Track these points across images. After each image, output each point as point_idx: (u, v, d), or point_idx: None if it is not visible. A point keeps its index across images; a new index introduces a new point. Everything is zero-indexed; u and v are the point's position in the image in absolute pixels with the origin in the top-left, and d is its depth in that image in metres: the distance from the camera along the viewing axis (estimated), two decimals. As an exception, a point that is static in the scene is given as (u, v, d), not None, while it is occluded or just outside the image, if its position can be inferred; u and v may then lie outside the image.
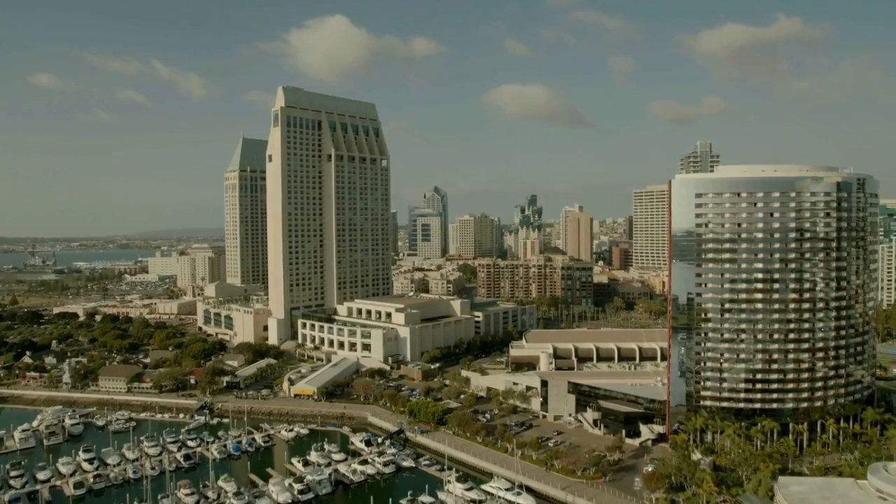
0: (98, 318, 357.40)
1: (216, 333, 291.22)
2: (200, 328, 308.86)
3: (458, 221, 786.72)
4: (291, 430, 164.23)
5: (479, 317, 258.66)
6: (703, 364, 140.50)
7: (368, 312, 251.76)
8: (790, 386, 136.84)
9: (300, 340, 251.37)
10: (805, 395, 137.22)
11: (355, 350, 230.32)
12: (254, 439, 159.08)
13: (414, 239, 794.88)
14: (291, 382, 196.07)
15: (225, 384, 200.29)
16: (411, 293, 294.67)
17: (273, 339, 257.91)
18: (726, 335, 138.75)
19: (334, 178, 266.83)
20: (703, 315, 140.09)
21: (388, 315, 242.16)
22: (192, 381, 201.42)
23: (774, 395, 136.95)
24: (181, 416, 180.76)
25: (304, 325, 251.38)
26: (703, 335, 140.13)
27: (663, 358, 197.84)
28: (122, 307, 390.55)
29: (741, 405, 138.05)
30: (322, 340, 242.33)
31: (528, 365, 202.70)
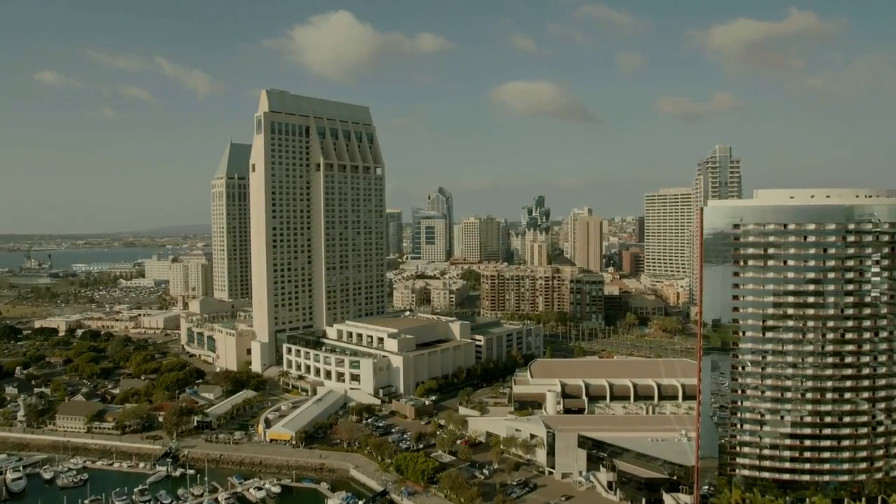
0: (80, 332, 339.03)
1: (199, 355, 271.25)
2: (184, 347, 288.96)
3: (463, 223, 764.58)
4: (261, 489, 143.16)
5: (480, 341, 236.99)
6: (739, 404, 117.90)
7: (359, 336, 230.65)
8: (846, 455, 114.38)
9: (285, 367, 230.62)
10: (863, 465, 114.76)
11: (343, 380, 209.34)
12: (216, 500, 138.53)
13: (418, 241, 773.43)
14: (268, 424, 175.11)
15: (195, 424, 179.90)
16: (408, 312, 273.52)
17: (256, 366, 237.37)
18: (768, 359, 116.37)
19: (323, 189, 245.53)
20: (739, 334, 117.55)
21: (381, 340, 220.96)
22: (161, 419, 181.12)
23: (826, 466, 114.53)
24: (141, 465, 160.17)
25: (289, 351, 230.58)
26: (739, 358, 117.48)
27: (685, 397, 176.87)
28: (108, 320, 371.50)
29: (786, 476, 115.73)
30: (308, 368, 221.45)
31: (534, 403, 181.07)
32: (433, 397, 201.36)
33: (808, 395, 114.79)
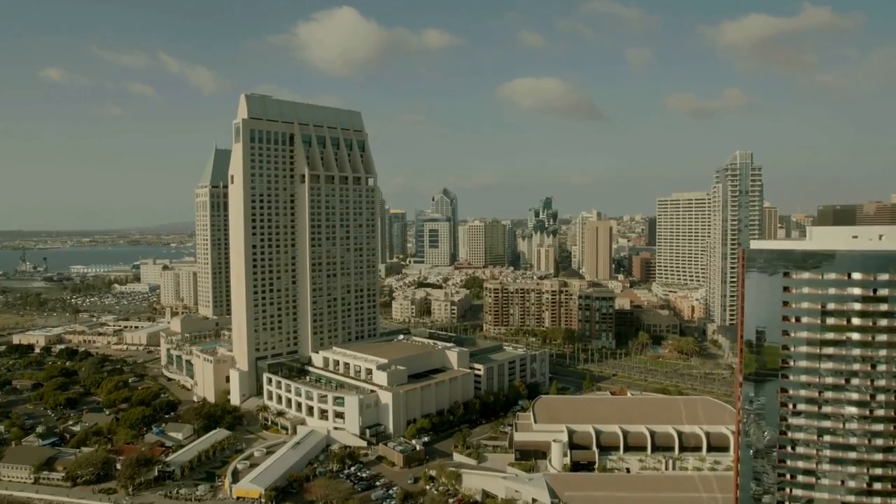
0: (61, 347, 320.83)
1: (178, 380, 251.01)
2: (163, 370, 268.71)
3: (468, 226, 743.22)
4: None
5: (479, 370, 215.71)
6: (788, 469, 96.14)
7: (346, 366, 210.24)
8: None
9: (265, 399, 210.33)
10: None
11: (327, 418, 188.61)
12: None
13: (421, 244, 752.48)
14: (235, 477, 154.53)
15: (156, 473, 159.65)
16: (401, 337, 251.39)
17: (235, 397, 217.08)
18: (825, 403, 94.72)
19: (308, 203, 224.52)
20: (788, 364, 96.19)
21: (369, 372, 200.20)
22: (118, 467, 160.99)
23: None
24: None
25: (269, 381, 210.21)
26: (788, 394, 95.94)
27: (710, 448, 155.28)
28: (90, 334, 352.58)
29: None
30: (289, 402, 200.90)
31: (537, 453, 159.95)
32: (425, 438, 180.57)
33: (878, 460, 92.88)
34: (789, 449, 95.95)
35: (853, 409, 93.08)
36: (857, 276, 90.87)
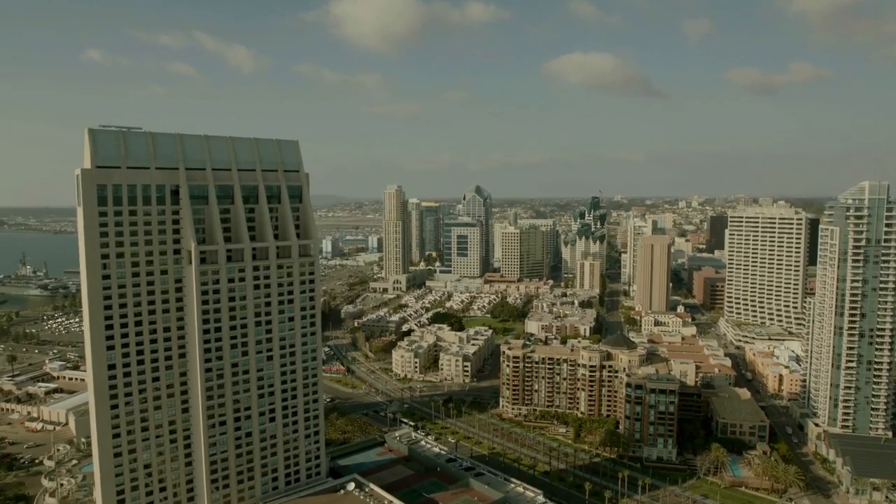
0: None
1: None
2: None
3: (502, 233, 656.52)
4: None
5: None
6: None
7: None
8: None
9: None
10: None
11: None
12: None
13: (449, 249, 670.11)
14: None
15: None
16: (352, 487, 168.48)
17: None
18: None
19: (198, 294, 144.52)
20: None
21: None
22: None
23: None
24: None
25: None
26: None
27: None
28: (16, 396, 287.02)
29: None
30: None
31: None
32: None
33: None
34: None
35: None
36: None
